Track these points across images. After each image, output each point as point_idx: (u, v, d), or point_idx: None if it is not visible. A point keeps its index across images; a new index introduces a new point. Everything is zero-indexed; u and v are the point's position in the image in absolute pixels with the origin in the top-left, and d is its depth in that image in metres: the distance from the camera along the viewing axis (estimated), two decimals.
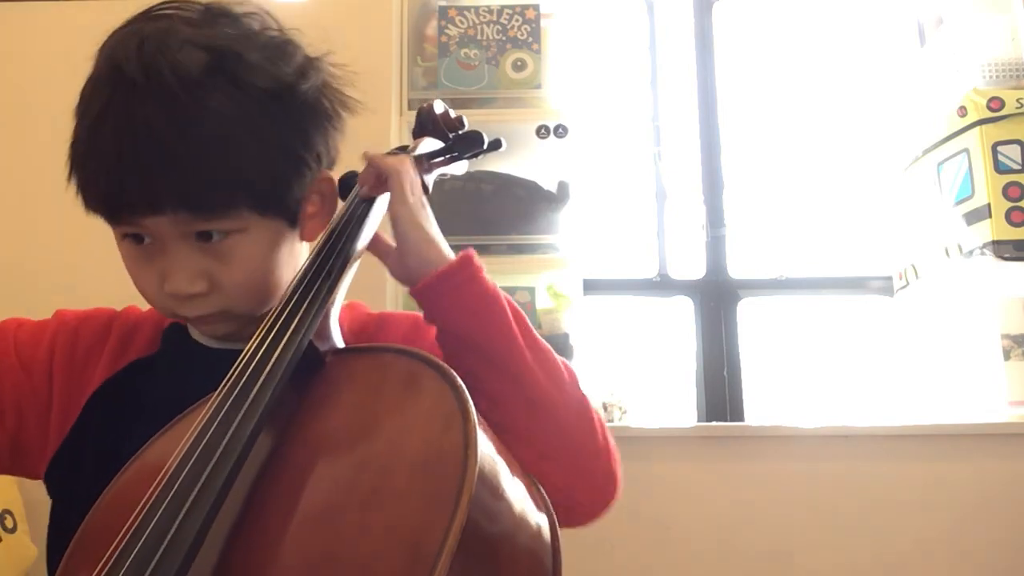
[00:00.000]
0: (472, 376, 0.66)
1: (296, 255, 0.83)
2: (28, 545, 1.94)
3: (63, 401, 0.81)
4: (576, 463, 0.72)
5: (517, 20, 2.26)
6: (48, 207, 2.28)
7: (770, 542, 1.99)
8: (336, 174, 0.87)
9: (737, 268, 2.41)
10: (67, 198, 0.82)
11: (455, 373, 0.58)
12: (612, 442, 0.74)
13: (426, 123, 0.95)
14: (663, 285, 2.41)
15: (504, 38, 2.25)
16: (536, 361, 0.72)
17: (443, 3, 2.29)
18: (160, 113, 0.70)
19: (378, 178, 0.79)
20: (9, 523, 1.92)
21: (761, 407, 2.31)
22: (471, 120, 0.95)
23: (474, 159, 0.95)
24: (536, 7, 2.27)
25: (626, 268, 2.45)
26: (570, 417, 0.72)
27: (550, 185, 2.20)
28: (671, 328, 2.42)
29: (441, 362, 0.60)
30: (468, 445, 0.52)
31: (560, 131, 2.18)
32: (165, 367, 0.83)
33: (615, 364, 2.35)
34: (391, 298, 2.00)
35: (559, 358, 0.75)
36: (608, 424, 0.77)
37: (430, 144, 0.92)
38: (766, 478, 2.04)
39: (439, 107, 0.96)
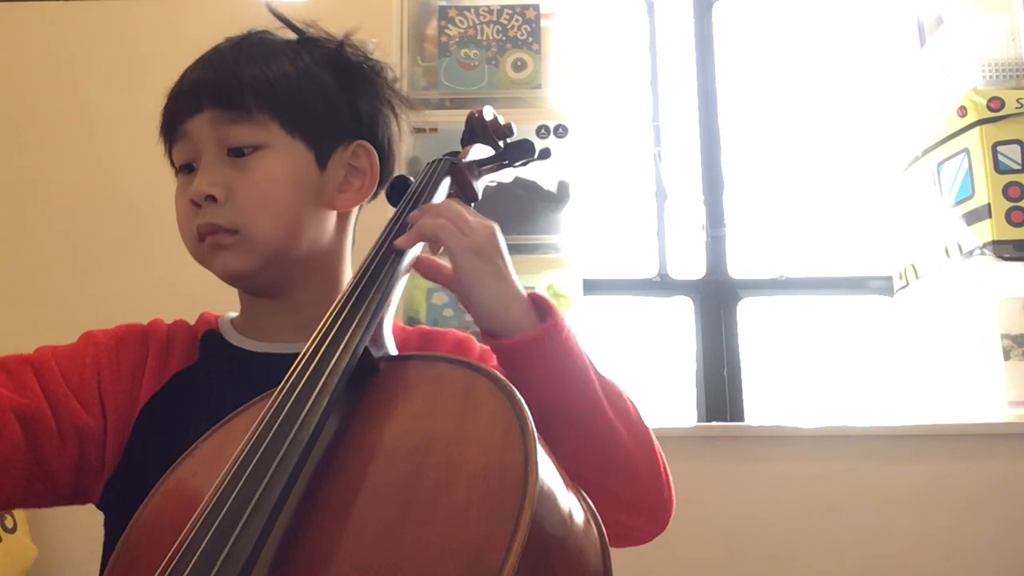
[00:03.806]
0: (549, 430, 0.67)
1: (322, 214, 0.84)
2: (28, 545, 1.94)
3: (116, 423, 0.81)
4: (640, 500, 0.74)
5: (517, 20, 2.26)
6: (48, 207, 2.28)
7: (770, 542, 1.99)
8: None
9: (737, 268, 2.41)
10: (67, 197, 0.82)
11: (512, 385, 0.57)
12: (667, 467, 0.76)
13: (476, 129, 0.95)
14: (663, 285, 2.41)
15: (504, 38, 2.25)
16: (613, 411, 0.72)
17: (443, 3, 2.29)
18: (229, 47, 0.84)
19: (428, 242, 0.76)
20: (9, 523, 1.92)
21: (761, 407, 2.31)
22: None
23: (524, 167, 0.95)
24: (536, 7, 2.27)
25: (626, 268, 2.45)
26: (639, 460, 0.73)
27: (550, 185, 2.20)
28: (671, 328, 2.42)
29: (498, 374, 0.59)
30: (529, 461, 0.51)
31: (560, 131, 2.18)
32: (207, 376, 0.83)
33: (615, 364, 2.35)
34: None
35: (623, 391, 0.75)
36: None
37: (481, 151, 0.92)
38: (766, 478, 2.04)
39: (489, 113, 0.96)
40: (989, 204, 1.95)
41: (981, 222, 1.97)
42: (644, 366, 2.40)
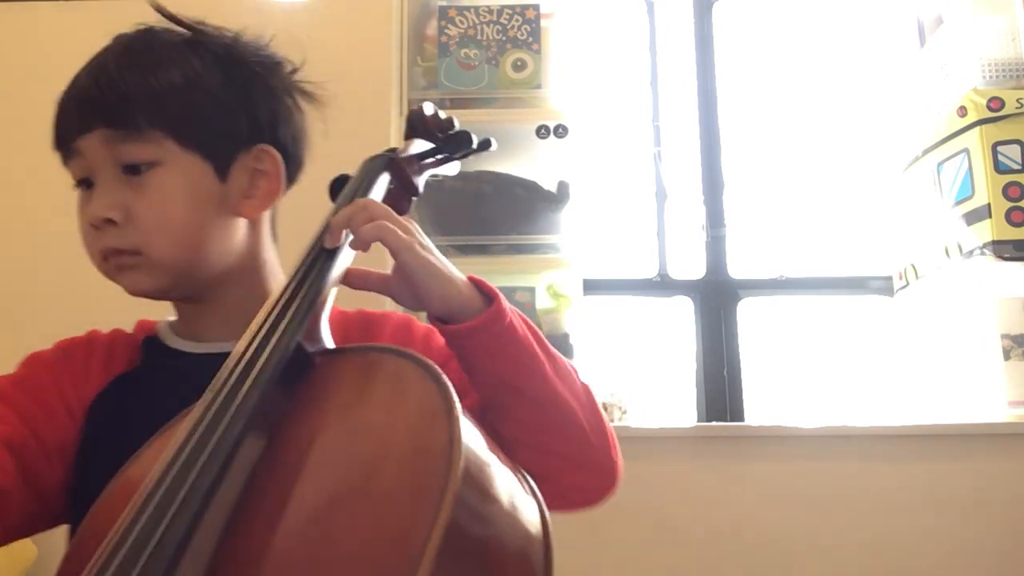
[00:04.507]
0: (502, 407, 0.72)
1: (229, 224, 0.83)
2: (28, 545, 1.94)
3: (74, 428, 0.81)
4: (594, 462, 0.76)
5: (517, 20, 2.26)
6: (48, 209, 2.28)
7: (770, 542, 1.98)
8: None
9: (737, 268, 2.41)
10: (66, 198, 0.83)
11: (439, 369, 0.59)
12: (611, 429, 0.79)
13: (416, 125, 0.96)
14: (663, 285, 2.41)
15: (504, 38, 2.25)
16: (562, 383, 0.75)
17: (443, 3, 2.29)
18: (115, 57, 0.82)
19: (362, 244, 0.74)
20: None
21: (761, 407, 2.31)
22: (472, 120, 0.96)
23: (465, 159, 0.96)
24: (536, 7, 2.27)
25: (626, 268, 2.45)
26: (589, 425, 0.75)
27: (550, 185, 2.20)
28: (671, 328, 2.42)
29: (427, 360, 0.60)
30: (453, 441, 0.52)
31: (560, 131, 2.18)
32: (150, 378, 0.83)
33: (615, 364, 2.35)
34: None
35: (565, 360, 0.77)
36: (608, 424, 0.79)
37: (419, 145, 0.92)
38: (766, 478, 2.04)
39: (429, 109, 0.96)
40: (989, 204, 1.95)
41: (981, 222, 1.97)
42: (644, 366, 2.39)
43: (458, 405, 0.55)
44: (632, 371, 2.36)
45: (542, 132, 2.17)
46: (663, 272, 2.41)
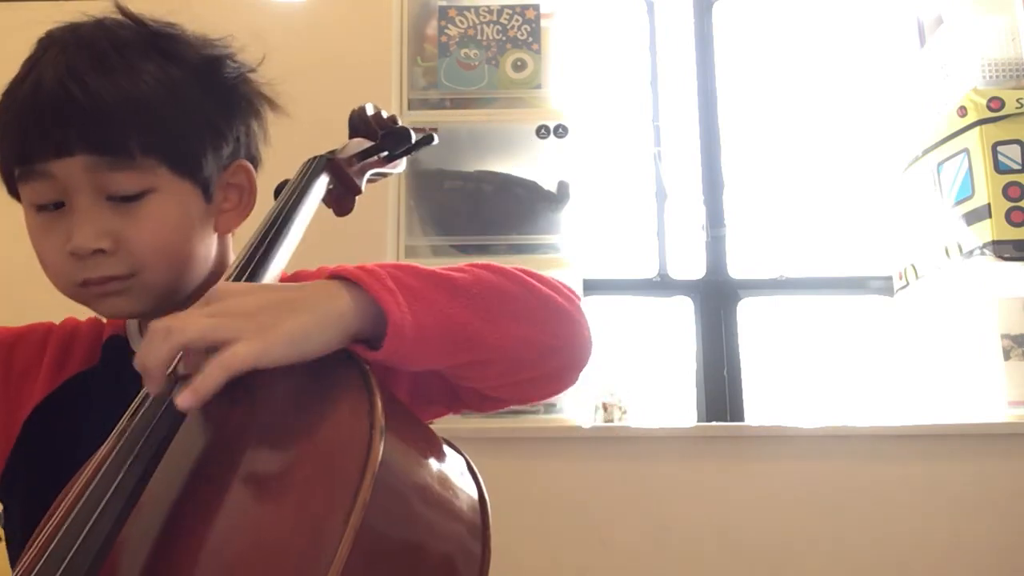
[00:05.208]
0: (462, 377, 0.69)
1: (210, 242, 0.82)
2: None
3: (1, 419, 0.81)
4: (571, 359, 0.73)
5: (517, 20, 2.26)
6: None
7: (770, 542, 1.99)
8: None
9: (737, 268, 2.41)
10: None
11: (361, 359, 0.59)
12: (580, 301, 0.74)
13: (358, 125, 0.96)
14: (663, 285, 2.41)
15: (504, 38, 2.25)
16: (506, 321, 0.67)
17: (443, 3, 2.29)
18: (86, 63, 0.72)
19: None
20: None
21: (761, 407, 2.31)
22: (471, 120, 0.96)
23: (409, 155, 0.96)
24: (536, 7, 2.27)
25: (626, 268, 2.45)
26: (549, 335, 0.70)
27: (550, 185, 2.20)
28: (671, 328, 2.42)
29: (352, 353, 0.61)
30: (373, 426, 0.53)
31: (560, 131, 2.18)
32: (104, 381, 0.83)
33: (615, 364, 2.35)
34: None
35: (492, 278, 0.70)
36: (608, 424, 0.79)
37: (359, 144, 0.93)
38: (766, 478, 2.04)
39: (370, 109, 0.96)
40: (989, 204, 1.95)
41: (981, 222, 1.97)
42: (644, 366, 2.39)
43: (379, 396, 0.56)
44: (632, 371, 2.36)
45: (542, 132, 2.17)
46: (663, 272, 2.41)
